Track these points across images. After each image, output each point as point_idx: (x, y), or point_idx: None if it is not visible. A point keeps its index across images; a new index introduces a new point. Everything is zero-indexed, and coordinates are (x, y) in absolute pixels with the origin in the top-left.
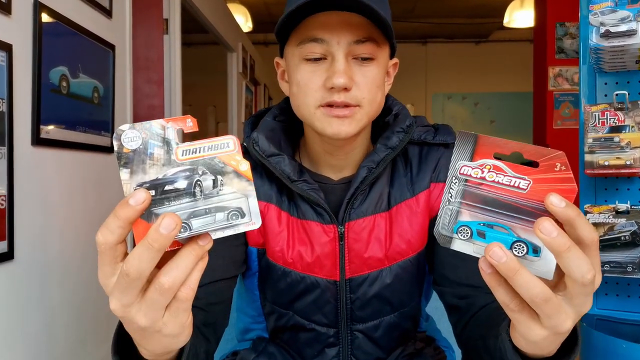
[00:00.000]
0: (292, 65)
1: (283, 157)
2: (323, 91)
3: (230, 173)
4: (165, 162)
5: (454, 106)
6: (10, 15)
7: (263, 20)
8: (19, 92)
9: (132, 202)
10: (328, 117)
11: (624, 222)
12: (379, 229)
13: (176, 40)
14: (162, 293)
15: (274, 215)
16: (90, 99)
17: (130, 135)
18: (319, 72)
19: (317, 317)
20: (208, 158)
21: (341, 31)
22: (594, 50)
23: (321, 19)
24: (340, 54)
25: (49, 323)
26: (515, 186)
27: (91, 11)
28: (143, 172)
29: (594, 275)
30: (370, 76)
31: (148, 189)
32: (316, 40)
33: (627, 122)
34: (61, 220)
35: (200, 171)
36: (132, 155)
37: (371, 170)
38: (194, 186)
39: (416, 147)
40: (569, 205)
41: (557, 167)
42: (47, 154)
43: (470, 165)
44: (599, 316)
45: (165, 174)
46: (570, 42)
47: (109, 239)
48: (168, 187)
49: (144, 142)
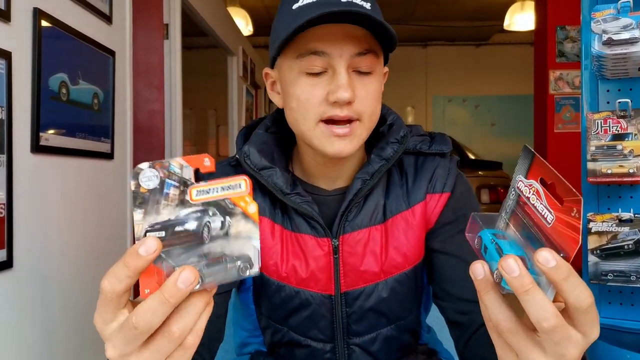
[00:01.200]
0: (290, 78)
1: (275, 170)
2: (325, 105)
3: (238, 214)
4: (179, 202)
5: (454, 109)
6: (9, 23)
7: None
8: (18, 100)
9: (142, 251)
10: (328, 135)
11: (627, 231)
12: (374, 241)
13: (176, 44)
14: (170, 341)
15: (267, 229)
16: (90, 105)
17: (148, 175)
18: (320, 86)
19: (312, 332)
20: (220, 199)
21: (343, 44)
22: (597, 58)
23: (321, 32)
24: (342, 67)
25: (48, 332)
26: (544, 217)
27: (91, 17)
28: (156, 213)
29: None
30: (371, 89)
31: (159, 229)
32: (317, 53)
33: (630, 129)
34: (61, 228)
35: (210, 212)
36: (148, 195)
37: (365, 182)
38: (202, 228)
39: (411, 157)
40: (559, 266)
41: (573, 212)
42: (47, 161)
43: (523, 182)
44: (602, 325)
45: (177, 215)
46: (571, 45)
47: (116, 287)
48: (178, 228)
49: (162, 181)
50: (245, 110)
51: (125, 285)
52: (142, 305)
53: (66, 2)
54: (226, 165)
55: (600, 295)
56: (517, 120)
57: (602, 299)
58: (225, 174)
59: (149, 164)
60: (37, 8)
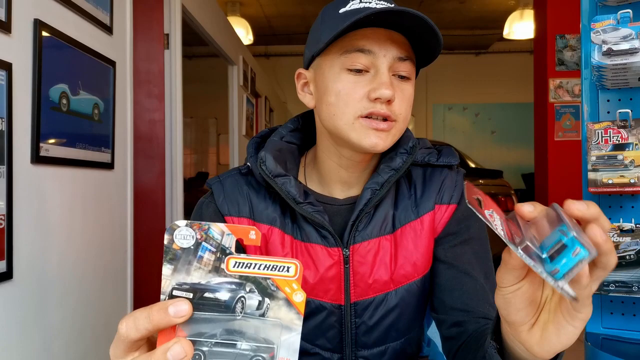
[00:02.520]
0: (331, 75)
1: (289, 178)
2: (365, 102)
3: (280, 299)
4: (213, 269)
5: (454, 117)
6: (10, 34)
7: (264, 32)
8: (18, 111)
9: (171, 311)
10: (367, 128)
11: (628, 241)
12: (384, 251)
13: (177, 54)
14: None
15: (278, 239)
16: (91, 115)
17: (184, 233)
18: (362, 84)
19: (320, 341)
20: (261, 277)
21: (388, 45)
22: (596, 68)
23: (368, 32)
24: (385, 67)
25: (48, 344)
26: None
27: (92, 28)
28: (186, 273)
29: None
30: (407, 94)
31: (187, 290)
32: (363, 51)
33: (630, 139)
34: (61, 239)
35: (247, 288)
36: (180, 252)
37: (375, 192)
38: (236, 301)
39: (419, 169)
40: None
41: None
42: (47, 172)
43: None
44: (605, 335)
45: (208, 281)
46: (571, 54)
47: (131, 335)
48: (208, 294)
49: (197, 243)
50: (245, 119)
51: (140, 335)
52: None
53: (67, 13)
54: (236, 174)
55: (602, 306)
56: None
57: (604, 310)
58: (236, 182)
59: (187, 222)
60: (38, 19)
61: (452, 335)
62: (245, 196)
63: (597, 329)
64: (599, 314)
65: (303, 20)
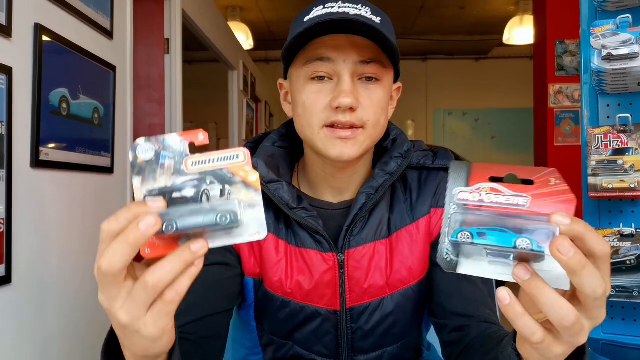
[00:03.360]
0: (298, 86)
1: (282, 183)
2: (328, 111)
3: (238, 183)
4: (175, 171)
5: (454, 122)
6: (10, 38)
7: (264, 37)
8: (18, 115)
9: (150, 203)
10: (331, 138)
11: (629, 246)
12: (379, 256)
13: (177, 59)
14: (145, 290)
15: (272, 245)
16: (91, 120)
17: (144, 147)
18: (325, 92)
19: (317, 347)
20: (217, 169)
21: (348, 51)
22: (596, 73)
23: (328, 40)
24: (346, 73)
25: (46, 348)
26: (514, 204)
27: (92, 33)
28: (153, 180)
29: (604, 289)
30: (376, 98)
31: (156, 195)
32: (322, 59)
33: (630, 144)
34: (60, 243)
35: (208, 181)
36: (144, 165)
37: (370, 197)
38: (201, 194)
39: (415, 172)
40: (574, 220)
41: (552, 181)
42: (47, 176)
43: (466, 190)
44: (605, 341)
45: (174, 182)
46: (570, 59)
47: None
48: (176, 194)
49: (157, 153)
50: (245, 124)
51: (121, 227)
52: (107, 248)
53: (67, 18)
54: None
55: None
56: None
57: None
58: None
59: (146, 138)
60: (38, 24)
61: (453, 340)
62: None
63: (597, 334)
64: None
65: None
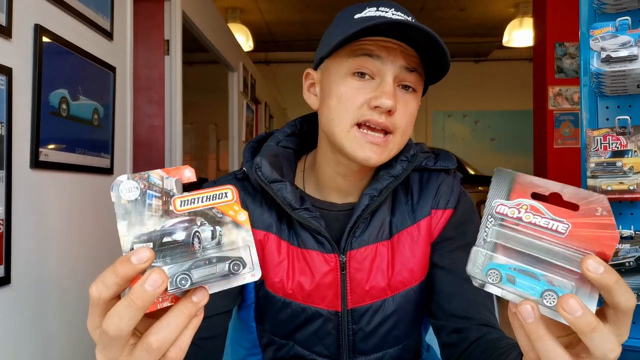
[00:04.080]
0: (336, 78)
1: (285, 184)
2: (365, 109)
3: (228, 223)
4: (164, 213)
5: (454, 124)
6: (10, 39)
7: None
8: (18, 116)
9: (134, 260)
10: (362, 141)
11: (628, 248)
12: (381, 257)
13: (177, 60)
14: (149, 352)
15: (274, 245)
16: (90, 121)
17: (128, 186)
18: (365, 90)
19: (317, 348)
20: (206, 208)
21: (397, 54)
22: (595, 75)
23: (378, 40)
24: (390, 75)
25: (45, 349)
26: (553, 229)
27: (92, 34)
28: (141, 224)
29: (617, 354)
30: (410, 106)
31: (145, 241)
32: (371, 55)
33: (629, 146)
34: (59, 244)
35: (198, 222)
36: (129, 206)
37: (373, 199)
38: (192, 237)
39: (416, 174)
40: (607, 270)
41: (599, 211)
42: (46, 177)
43: (506, 205)
44: None
45: (163, 226)
46: (570, 61)
47: (103, 294)
48: (166, 239)
49: (142, 192)
50: (245, 125)
51: (112, 292)
52: (111, 310)
53: (67, 19)
54: (232, 179)
55: None
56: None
57: None
58: None
59: (128, 175)
60: (38, 24)
61: (452, 342)
62: (241, 201)
63: None
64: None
65: (303, 27)
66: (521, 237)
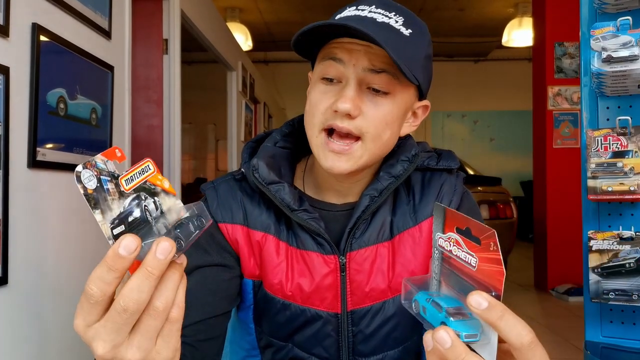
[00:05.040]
0: (312, 82)
1: (283, 185)
2: (329, 113)
3: (160, 193)
4: (120, 194)
5: (453, 124)
6: (8, 38)
7: (263, 39)
8: (15, 115)
9: (123, 252)
10: (325, 149)
11: (628, 249)
12: (381, 259)
13: (176, 60)
14: (157, 318)
15: (272, 246)
16: (88, 120)
17: (87, 176)
18: (330, 94)
19: (317, 350)
20: (142, 183)
21: (360, 56)
22: (596, 75)
23: (345, 42)
24: (353, 78)
25: (43, 349)
26: (468, 262)
27: (90, 33)
28: (109, 209)
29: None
30: (381, 110)
31: (119, 224)
32: (334, 59)
33: (630, 147)
34: (57, 244)
35: (143, 197)
36: (95, 195)
37: (373, 199)
38: (144, 212)
39: (419, 174)
40: (491, 307)
41: (491, 247)
42: (43, 176)
43: (442, 237)
44: (604, 344)
45: (124, 206)
46: (569, 61)
47: (106, 291)
48: (130, 218)
49: (98, 179)
50: (244, 125)
51: (114, 286)
52: (127, 286)
53: (65, 18)
54: (230, 179)
55: (601, 314)
56: (516, 135)
57: (604, 318)
58: (230, 188)
59: (82, 165)
60: (36, 23)
61: None
62: (239, 202)
63: (596, 337)
64: (599, 323)
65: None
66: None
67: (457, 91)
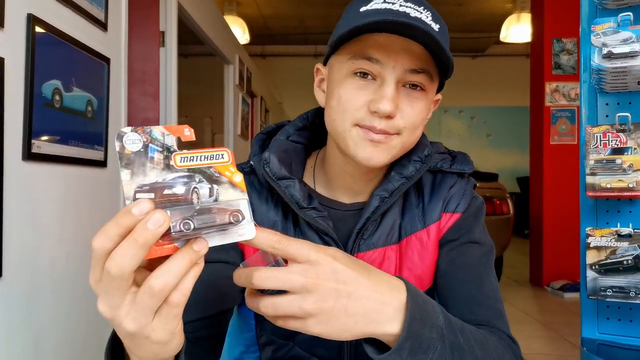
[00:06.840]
0: (338, 78)
1: (294, 181)
2: (364, 112)
3: (225, 183)
4: (165, 167)
5: (450, 120)
6: (3, 29)
7: (261, 32)
8: (10, 107)
9: (136, 211)
10: (363, 139)
11: (626, 246)
12: (389, 262)
13: (172, 52)
14: (151, 296)
15: None
16: (84, 112)
17: (132, 138)
18: (365, 92)
19: (319, 350)
20: (204, 167)
21: (399, 56)
22: (596, 71)
23: (381, 40)
24: (392, 79)
25: (38, 344)
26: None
27: (86, 24)
28: (143, 175)
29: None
30: (417, 107)
31: (148, 191)
32: (371, 60)
33: (629, 144)
34: (52, 238)
35: (197, 179)
36: (133, 156)
37: (384, 200)
38: (191, 192)
39: (429, 175)
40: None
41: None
42: (39, 169)
43: None
44: (601, 341)
45: (164, 178)
46: (567, 58)
47: (106, 245)
48: (167, 191)
49: (145, 145)
50: (241, 119)
51: (114, 243)
52: (114, 251)
53: (61, 9)
54: None
55: (598, 311)
56: (513, 131)
57: (601, 315)
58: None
59: (132, 128)
60: (32, 14)
61: None
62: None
63: (593, 334)
64: (596, 320)
65: (300, 21)
66: None
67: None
